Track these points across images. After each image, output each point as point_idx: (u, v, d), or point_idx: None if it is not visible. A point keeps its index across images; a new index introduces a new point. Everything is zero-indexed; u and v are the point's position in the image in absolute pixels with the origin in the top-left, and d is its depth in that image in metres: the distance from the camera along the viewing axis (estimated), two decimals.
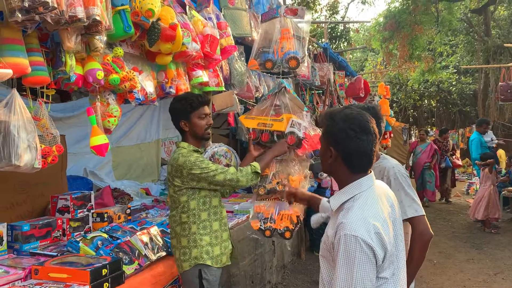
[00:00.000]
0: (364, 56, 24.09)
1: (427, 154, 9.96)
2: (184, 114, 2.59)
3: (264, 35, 3.26)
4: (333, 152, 1.67)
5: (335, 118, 1.69)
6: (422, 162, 10.04)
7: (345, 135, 1.64)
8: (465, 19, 16.93)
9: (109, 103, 2.23)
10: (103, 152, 2.17)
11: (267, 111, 3.12)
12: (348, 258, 1.52)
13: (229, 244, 2.86)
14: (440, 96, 22.40)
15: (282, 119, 3.06)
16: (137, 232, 2.90)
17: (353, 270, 1.51)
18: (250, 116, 3.12)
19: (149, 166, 6.62)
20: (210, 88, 3.16)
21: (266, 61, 3.21)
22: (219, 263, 2.73)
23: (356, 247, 1.51)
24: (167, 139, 7.14)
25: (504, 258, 6.26)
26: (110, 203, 4.04)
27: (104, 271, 2.34)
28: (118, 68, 2.16)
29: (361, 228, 1.53)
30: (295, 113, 3.12)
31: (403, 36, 12.95)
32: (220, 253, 2.73)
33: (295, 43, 3.28)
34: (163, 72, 2.72)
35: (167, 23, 2.36)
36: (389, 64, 16.81)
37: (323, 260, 1.72)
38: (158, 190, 5.95)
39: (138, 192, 5.62)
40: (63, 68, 1.89)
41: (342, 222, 1.57)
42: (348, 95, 8.58)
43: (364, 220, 1.56)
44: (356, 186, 1.66)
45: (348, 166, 1.67)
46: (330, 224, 1.72)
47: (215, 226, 2.73)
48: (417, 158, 10.16)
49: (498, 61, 16.23)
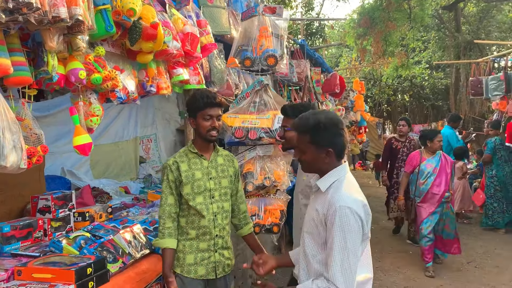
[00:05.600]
0: (339, 52, 24.36)
1: (445, 176, 5.49)
2: (191, 112, 2.61)
3: (243, 33, 3.30)
4: (331, 151, 1.94)
5: (322, 123, 1.94)
6: (437, 196, 5.48)
7: (337, 135, 1.95)
8: (436, 16, 17.34)
9: (91, 103, 2.22)
10: (86, 151, 2.17)
11: (250, 109, 3.17)
12: (343, 227, 1.76)
13: (213, 256, 2.68)
14: (413, 91, 22.91)
15: (269, 116, 3.12)
16: (120, 231, 2.90)
17: (346, 238, 1.75)
18: (233, 114, 3.16)
19: (127, 165, 6.57)
20: (191, 86, 3.18)
21: (245, 59, 3.26)
22: (192, 274, 2.64)
23: (349, 217, 1.77)
24: (145, 137, 7.09)
25: (476, 247, 6.50)
26: (90, 202, 4.02)
27: (89, 270, 2.35)
28: (100, 68, 2.15)
29: (352, 202, 1.82)
30: (279, 109, 3.18)
31: (377, 32, 13.17)
32: (194, 263, 2.65)
33: (274, 41, 3.34)
34: (143, 70, 2.72)
35: (148, 22, 2.37)
36: (363, 60, 17.08)
37: (308, 237, 1.94)
38: (137, 189, 5.91)
39: (117, 190, 5.57)
40: (45, 68, 1.88)
41: (334, 197, 1.84)
42: (324, 91, 8.70)
43: (352, 195, 1.86)
44: (340, 170, 1.98)
45: (337, 156, 1.98)
46: (316, 203, 1.96)
47: (191, 234, 2.66)
48: (429, 185, 5.51)
49: (468, 57, 16.70)
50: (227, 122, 3.27)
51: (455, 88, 18.29)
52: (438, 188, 5.47)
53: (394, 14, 12.66)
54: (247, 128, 3.28)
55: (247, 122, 3.27)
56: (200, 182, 2.62)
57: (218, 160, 2.75)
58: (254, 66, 3.19)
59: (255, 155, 3.48)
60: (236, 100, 3.53)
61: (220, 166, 2.74)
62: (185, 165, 2.62)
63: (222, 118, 2.76)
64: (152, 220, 3.46)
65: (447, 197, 5.49)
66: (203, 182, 2.63)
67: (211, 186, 2.66)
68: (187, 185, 2.60)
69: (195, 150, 2.66)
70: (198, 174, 2.63)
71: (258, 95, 3.31)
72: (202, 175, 2.64)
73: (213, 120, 2.57)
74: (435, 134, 5.68)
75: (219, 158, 2.76)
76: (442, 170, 5.54)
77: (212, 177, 2.67)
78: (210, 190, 2.65)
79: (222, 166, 2.75)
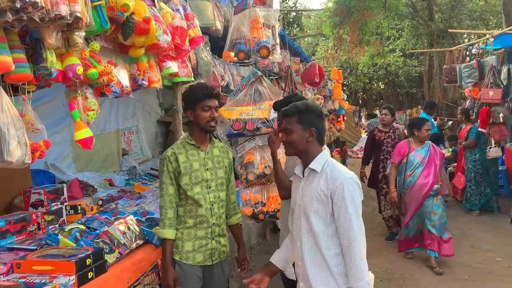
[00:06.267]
0: (315, 41, 24.51)
1: (434, 167, 5.30)
2: (191, 104, 2.67)
3: (236, 27, 3.35)
4: (314, 131, 2.23)
5: (309, 107, 2.29)
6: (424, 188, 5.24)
7: (319, 118, 2.30)
8: (410, 4, 17.61)
9: (87, 97, 2.26)
10: (88, 145, 2.22)
11: (246, 100, 3.25)
12: (352, 195, 2.06)
13: (211, 243, 2.78)
14: (388, 79, 23.30)
15: (265, 107, 3.20)
16: (114, 222, 2.96)
17: (357, 203, 2.08)
18: (230, 107, 3.24)
19: (110, 157, 6.55)
20: (180, 79, 3.23)
21: (238, 52, 3.33)
22: (190, 260, 2.74)
23: (355, 185, 2.10)
24: (126, 129, 7.08)
25: (452, 229, 6.76)
26: (79, 196, 4.04)
27: (88, 261, 2.41)
28: (96, 63, 2.19)
29: (350, 174, 2.14)
30: (275, 99, 3.27)
31: (353, 21, 13.33)
32: (192, 250, 2.74)
33: (266, 32, 3.41)
34: (135, 64, 2.76)
35: (140, 17, 2.41)
36: (340, 49, 17.26)
37: (314, 216, 2.15)
38: (122, 181, 5.93)
39: (102, 183, 5.59)
40: (45, 64, 1.91)
41: (334, 173, 2.13)
42: (304, 80, 8.80)
43: (346, 170, 2.18)
44: (325, 154, 2.27)
45: (319, 139, 2.27)
46: (314, 184, 2.18)
47: (189, 222, 2.75)
48: (416, 177, 5.30)
49: (441, 45, 17.07)
50: (225, 115, 3.35)
51: (428, 76, 18.68)
52: (426, 179, 5.22)
53: (370, 3, 12.83)
54: (244, 119, 3.38)
55: (244, 114, 3.35)
56: (197, 173, 2.71)
57: (214, 151, 2.84)
58: (250, 58, 3.26)
59: (255, 145, 3.59)
60: (232, 93, 3.60)
61: (216, 158, 2.84)
62: (183, 157, 2.70)
63: (220, 112, 2.86)
64: (144, 211, 3.52)
65: (436, 190, 5.25)
66: (200, 173, 2.72)
67: (208, 176, 2.75)
68: (185, 176, 2.68)
69: (192, 141, 2.74)
70: (196, 165, 2.72)
71: (253, 87, 3.40)
72: (199, 166, 2.73)
73: (212, 111, 2.67)
74: (423, 123, 5.38)
75: (215, 150, 2.85)
76: (431, 161, 5.30)
77: (208, 168, 2.77)
78: (207, 180, 2.75)
79: (218, 157, 2.85)
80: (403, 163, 5.43)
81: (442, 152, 5.53)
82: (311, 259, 2.19)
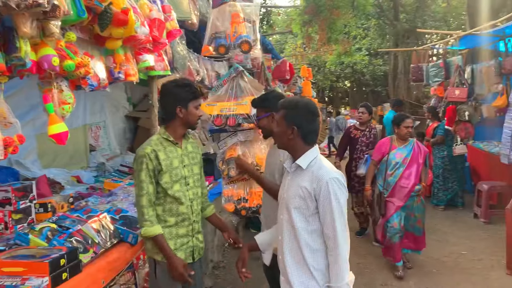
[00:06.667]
0: (283, 38, 24.62)
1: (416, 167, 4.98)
2: (184, 101, 2.57)
3: (215, 20, 3.29)
4: (295, 131, 2.17)
5: (298, 106, 2.21)
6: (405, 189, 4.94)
7: (306, 119, 2.19)
8: (377, 4, 17.96)
9: (62, 90, 2.14)
10: (63, 140, 2.11)
11: (227, 96, 3.19)
12: (337, 196, 2.04)
13: (191, 241, 2.73)
14: (354, 77, 23.76)
15: (246, 102, 3.16)
16: (88, 221, 2.85)
17: (341, 203, 2.06)
18: (211, 102, 3.17)
19: (77, 153, 6.33)
20: (156, 72, 3.13)
21: (219, 46, 3.27)
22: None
23: (339, 186, 2.07)
24: (93, 124, 6.86)
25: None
26: (47, 193, 3.88)
27: (62, 261, 2.30)
28: (72, 54, 2.09)
29: (337, 174, 2.11)
30: (256, 95, 3.23)
31: (322, 20, 13.46)
32: (174, 249, 2.63)
33: (246, 27, 3.36)
34: (111, 57, 2.65)
35: (119, 8, 2.31)
36: (309, 47, 17.38)
37: (296, 212, 2.13)
38: (90, 177, 5.74)
39: (69, 180, 5.40)
40: (18, 54, 1.79)
41: (320, 173, 2.10)
42: (275, 77, 8.82)
43: (333, 169, 2.15)
44: (313, 151, 2.21)
45: (304, 141, 2.20)
46: (298, 180, 2.17)
47: (170, 221, 2.65)
48: (397, 178, 4.98)
49: (406, 44, 17.54)
50: (206, 111, 3.28)
51: (393, 75, 19.17)
52: (407, 180, 4.88)
53: (338, 2, 12.99)
54: (226, 115, 3.32)
55: (225, 110, 3.30)
56: (177, 170, 2.64)
57: (188, 147, 2.77)
58: (229, 53, 3.21)
59: (237, 141, 3.54)
60: (214, 88, 3.54)
61: (191, 153, 2.78)
62: (162, 154, 2.59)
63: (201, 107, 2.80)
64: (117, 209, 3.42)
65: (417, 190, 4.96)
66: (180, 170, 2.65)
67: (186, 173, 2.69)
68: (165, 174, 2.58)
69: (170, 138, 2.64)
70: (175, 162, 2.64)
71: (234, 82, 3.35)
72: (178, 163, 2.65)
73: (200, 109, 2.66)
74: (402, 119, 5.02)
75: (189, 146, 2.79)
76: (414, 160, 4.92)
77: (186, 164, 2.70)
78: (185, 177, 2.68)
79: (192, 153, 2.79)
80: (383, 161, 5.10)
81: (426, 150, 5.16)
82: (290, 254, 2.19)
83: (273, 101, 2.89)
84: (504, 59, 6.51)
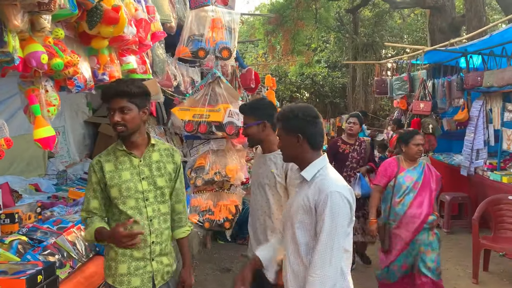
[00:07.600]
0: (244, 47, 24.68)
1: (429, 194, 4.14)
2: (148, 102, 2.33)
3: (194, 22, 3.19)
4: (300, 138, 2.06)
5: (297, 112, 2.10)
6: (417, 220, 4.05)
7: (308, 123, 2.09)
8: (337, 18, 18.41)
9: (47, 90, 1.96)
10: (50, 145, 1.93)
11: (202, 101, 3.08)
12: (333, 211, 1.89)
13: (150, 265, 2.31)
14: (314, 89, 24.12)
15: (219, 110, 3.05)
16: (62, 233, 2.65)
17: (337, 220, 1.89)
18: (184, 107, 3.05)
19: (34, 160, 5.97)
20: (138, 76, 2.96)
21: (199, 49, 3.16)
22: (125, 285, 2.26)
23: (340, 200, 1.92)
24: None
25: None
26: (9, 203, 3.58)
27: (39, 277, 2.11)
28: (60, 52, 1.92)
29: (341, 187, 1.97)
30: (231, 103, 3.13)
31: (286, 30, 13.63)
32: (127, 273, 2.26)
33: (226, 34, 3.28)
34: (94, 57, 2.46)
35: (109, 5, 2.15)
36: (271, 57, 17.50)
37: (299, 226, 2.01)
38: (49, 186, 5.41)
39: (26, 188, 5.06)
40: (6, 49, 1.61)
41: (324, 184, 1.97)
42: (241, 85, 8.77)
43: (339, 181, 2.02)
44: (321, 160, 2.10)
45: (311, 145, 2.08)
46: (303, 192, 2.04)
47: None
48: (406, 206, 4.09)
49: (364, 58, 18.09)
50: (178, 116, 3.15)
51: (352, 87, 19.67)
52: (418, 209, 4.00)
53: (303, 14, 13.20)
54: (197, 121, 3.19)
55: (197, 116, 3.17)
56: (129, 184, 2.27)
57: (153, 156, 2.38)
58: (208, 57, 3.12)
59: (209, 149, 3.40)
60: (191, 93, 3.41)
61: (155, 164, 2.37)
62: (110, 165, 2.28)
63: (173, 112, 2.63)
64: None
65: (431, 222, 4.02)
66: (133, 184, 2.28)
67: (144, 187, 2.30)
68: (113, 188, 2.25)
69: (122, 147, 2.30)
70: (127, 175, 2.28)
71: (210, 88, 3.24)
72: (131, 175, 2.29)
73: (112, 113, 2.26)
74: (411, 136, 4.13)
75: (154, 154, 2.38)
76: (426, 185, 4.08)
77: (145, 176, 2.32)
78: (143, 192, 2.30)
79: (158, 163, 2.38)
80: (389, 186, 4.16)
81: (439, 174, 4.28)
82: (293, 270, 2.07)
83: (263, 110, 2.81)
84: (466, 75, 6.80)
